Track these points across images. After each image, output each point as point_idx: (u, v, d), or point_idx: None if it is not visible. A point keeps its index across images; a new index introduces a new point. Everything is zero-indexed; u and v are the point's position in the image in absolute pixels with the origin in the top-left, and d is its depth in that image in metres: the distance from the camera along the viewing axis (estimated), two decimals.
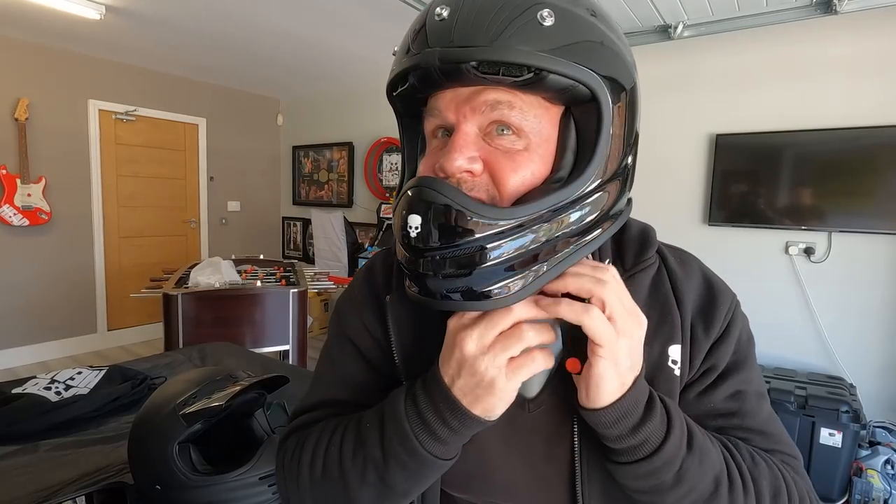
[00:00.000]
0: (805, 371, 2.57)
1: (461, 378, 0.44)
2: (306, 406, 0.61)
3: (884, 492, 2.09)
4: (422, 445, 0.46)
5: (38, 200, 3.64)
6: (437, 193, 0.42)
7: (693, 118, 2.89)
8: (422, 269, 0.44)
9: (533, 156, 0.45)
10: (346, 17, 2.89)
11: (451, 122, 0.46)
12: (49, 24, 3.20)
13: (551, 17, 0.41)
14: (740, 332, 0.55)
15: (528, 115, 0.44)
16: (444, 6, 0.43)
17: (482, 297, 0.42)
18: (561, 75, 0.41)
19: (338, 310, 0.64)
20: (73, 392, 1.48)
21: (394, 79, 0.47)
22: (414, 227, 0.42)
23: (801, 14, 2.38)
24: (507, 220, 0.42)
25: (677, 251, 0.59)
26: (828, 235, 2.55)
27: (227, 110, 4.86)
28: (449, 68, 0.42)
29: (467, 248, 0.42)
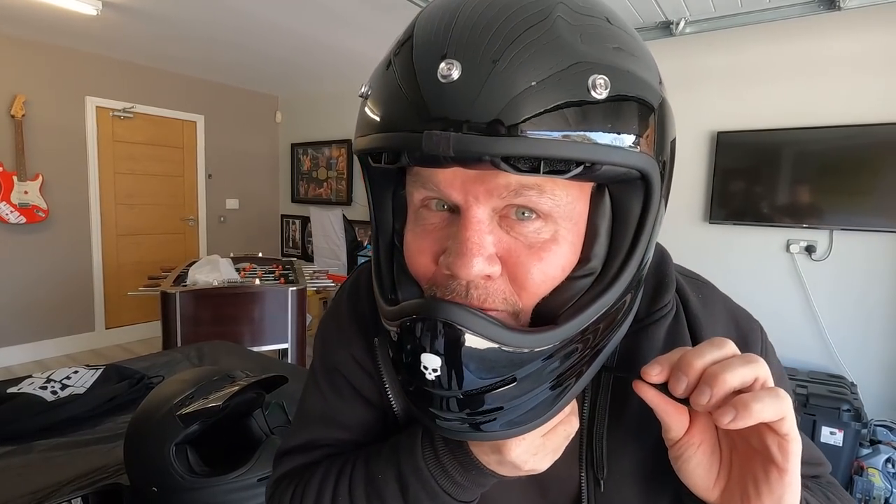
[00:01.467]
0: (806, 369, 2.57)
1: (485, 453, 0.41)
2: (297, 445, 0.55)
3: (885, 490, 2.09)
4: (452, 496, 0.43)
5: (34, 198, 3.62)
6: (461, 329, 0.33)
7: (694, 115, 2.87)
8: (442, 413, 0.36)
9: (562, 246, 0.36)
10: (345, 13, 2.87)
11: (456, 202, 0.35)
12: (45, 19, 3.17)
13: (605, 87, 0.30)
14: (775, 370, 0.49)
15: (560, 199, 0.34)
16: (452, 62, 0.30)
17: (516, 425, 0.36)
18: (618, 165, 0.32)
19: (323, 337, 0.57)
20: (69, 391, 1.46)
21: (373, 150, 0.35)
22: (432, 370, 0.34)
23: (804, 10, 2.37)
24: (549, 346, 0.34)
25: (697, 284, 0.51)
26: (829, 234, 2.54)
27: (226, 107, 4.83)
28: (466, 158, 0.30)
29: (499, 384, 0.35)
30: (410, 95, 0.32)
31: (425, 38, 0.33)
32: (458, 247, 0.34)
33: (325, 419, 0.54)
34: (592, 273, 0.37)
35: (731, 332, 0.48)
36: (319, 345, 0.58)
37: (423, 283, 0.40)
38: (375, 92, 0.35)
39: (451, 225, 0.37)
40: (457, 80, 0.30)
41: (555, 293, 0.36)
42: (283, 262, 3.50)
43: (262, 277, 2.93)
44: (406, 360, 0.36)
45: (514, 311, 0.36)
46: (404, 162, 0.33)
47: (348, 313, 0.55)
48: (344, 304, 0.56)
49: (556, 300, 0.36)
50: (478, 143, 0.29)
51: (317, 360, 0.57)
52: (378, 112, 0.34)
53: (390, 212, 0.43)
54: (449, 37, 0.32)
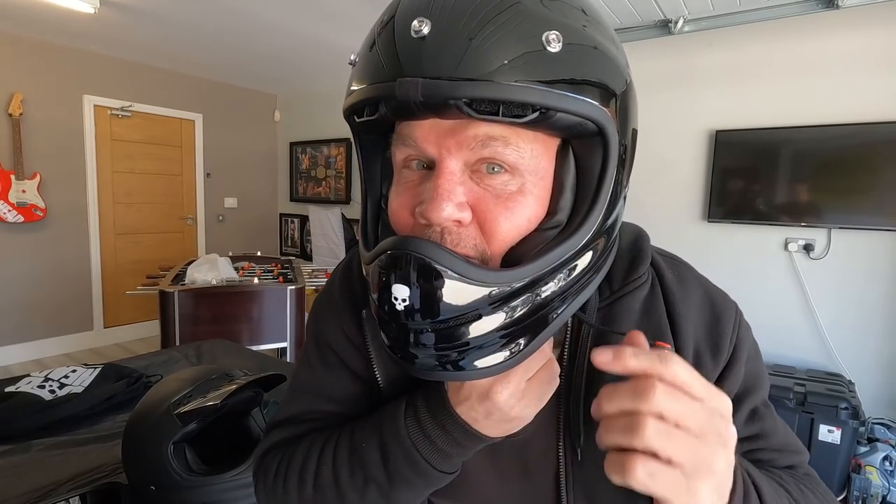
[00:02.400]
0: (804, 368, 2.57)
1: (467, 403, 0.41)
2: (285, 417, 0.57)
3: (882, 488, 2.09)
4: (432, 465, 0.44)
5: (32, 197, 3.61)
6: (428, 260, 0.35)
7: (693, 114, 2.87)
8: (411, 346, 0.39)
9: (528, 198, 0.39)
10: (344, 12, 2.86)
11: (431, 155, 0.39)
12: (43, 18, 3.16)
13: (558, 41, 0.34)
14: (748, 348, 0.50)
15: (524, 152, 0.38)
16: (423, 19, 0.34)
17: (485, 368, 0.38)
18: (571, 113, 0.35)
19: (315, 313, 0.60)
20: (67, 390, 1.46)
21: (356, 104, 0.38)
22: (401, 300, 0.36)
23: (803, 9, 2.37)
24: (511, 284, 0.37)
25: (673, 262, 0.53)
26: (827, 232, 2.54)
27: (224, 106, 4.82)
28: (434, 103, 0.34)
29: (464, 318, 0.37)
30: (387, 53, 0.36)
31: (405, 7, 0.37)
32: (430, 193, 0.38)
33: (314, 392, 0.56)
34: (558, 225, 0.40)
35: (706, 309, 0.49)
36: (312, 322, 0.59)
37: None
38: (360, 58, 0.40)
39: (427, 180, 0.40)
40: (427, 36, 0.34)
41: (522, 243, 0.39)
42: (282, 261, 3.50)
43: (260, 276, 2.93)
44: (381, 295, 0.38)
45: (484, 257, 0.39)
46: (382, 112, 0.37)
47: (340, 291, 0.57)
48: (337, 283, 0.58)
49: (523, 249, 0.39)
50: (443, 87, 0.33)
51: (309, 336, 0.59)
52: (361, 73, 0.39)
53: (378, 177, 0.47)
54: (422, 5, 0.36)
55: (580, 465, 0.47)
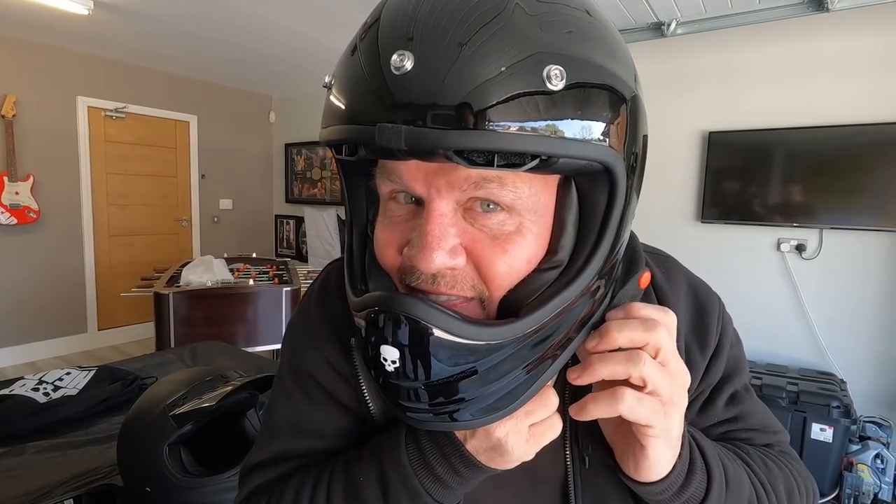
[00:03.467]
0: (796, 367, 2.59)
1: (474, 438, 0.40)
2: (267, 458, 0.52)
3: (874, 486, 2.11)
4: (433, 497, 0.42)
5: (26, 199, 3.59)
6: (418, 321, 0.33)
7: (686, 116, 2.90)
8: (410, 403, 0.37)
9: (527, 238, 0.35)
10: (339, 12, 2.87)
11: (419, 194, 0.35)
12: (36, 19, 3.15)
13: (561, 77, 0.29)
14: (731, 337, 0.52)
15: (522, 192, 0.34)
16: (404, 52, 0.30)
17: (489, 412, 0.36)
18: (575, 158, 0.31)
19: (292, 340, 0.55)
20: (61, 393, 1.46)
21: (332, 142, 0.35)
22: (391, 361, 0.34)
23: (794, 11, 2.39)
24: (509, 338, 0.34)
25: (660, 259, 0.54)
26: (819, 232, 2.57)
27: (219, 107, 4.81)
28: (419, 152, 0.30)
29: (459, 375, 0.35)
30: (363, 89, 0.32)
31: (386, 27, 0.33)
32: (420, 240, 0.35)
33: (295, 428, 0.51)
34: (559, 265, 0.37)
35: (692, 302, 0.51)
36: (288, 350, 0.55)
37: (392, 274, 0.40)
38: (336, 84, 0.36)
39: (416, 217, 0.37)
40: (409, 72, 0.29)
41: (521, 284, 0.36)
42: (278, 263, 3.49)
43: (256, 278, 2.93)
44: (369, 351, 0.37)
45: (482, 298, 0.37)
46: (362, 154, 0.33)
47: (319, 315, 0.53)
48: (313, 307, 0.54)
49: (522, 291, 0.36)
50: (430, 137, 0.29)
51: (285, 367, 0.54)
52: (336, 103, 0.34)
53: (364, 202, 0.43)
54: (403, 29, 0.31)
55: (588, 473, 0.46)
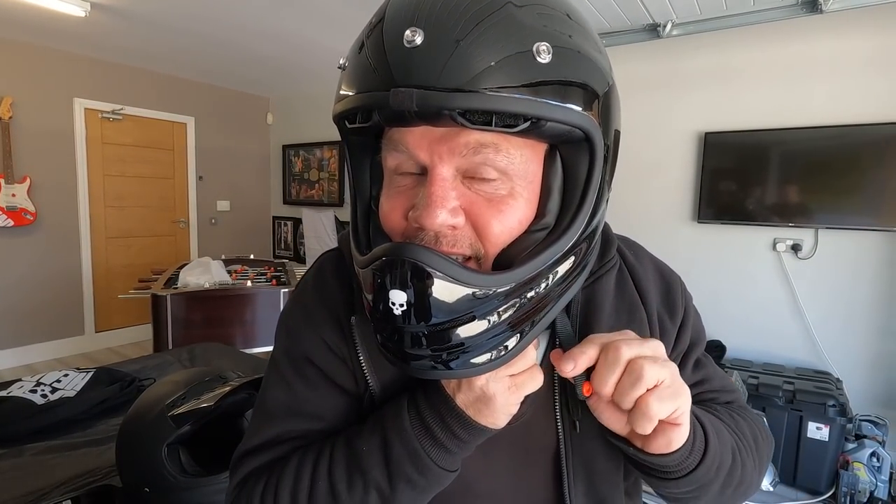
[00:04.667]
0: (793, 366, 2.60)
1: (461, 392, 0.44)
2: (260, 443, 0.53)
3: (870, 484, 2.12)
4: (433, 461, 0.45)
5: (22, 201, 3.58)
6: (424, 266, 0.36)
7: (682, 116, 2.91)
8: (407, 347, 0.40)
9: (518, 201, 0.40)
10: (336, 14, 2.87)
11: (423, 162, 0.40)
12: (33, 20, 3.14)
13: (548, 52, 0.35)
14: (693, 310, 0.59)
15: (514, 158, 0.39)
16: (416, 29, 0.35)
17: (476, 365, 0.40)
18: (560, 122, 0.37)
19: (288, 326, 0.56)
20: (59, 395, 1.46)
21: (348, 111, 0.39)
22: (398, 305, 0.38)
23: (788, 13, 2.41)
24: (503, 287, 0.38)
25: (628, 242, 0.60)
26: (814, 232, 2.58)
27: (216, 109, 4.81)
28: (429, 113, 0.35)
29: (459, 320, 0.38)
30: (380, 61, 0.37)
31: (394, 13, 0.38)
32: (424, 200, 0.39)
33: (291, 411, 0.53)
34: (547, 227, 0.42)
35: (659, 278, 0.57)
36: (283, 335, 0.56)
37: (395, 238, 0.43)
38: (351, 63, 0.40)
39: (419, 185, 0.41)
40: (420, 45, 0.35)
41: (514, 244, 0.41)
42: (275, 264, 3.49)
43: (253, 279, 2.93)
44: (376, 300, 0.39)
45: (479, 256, 0.41)
46: (375, 119, 0.37)
47: (316, 300, 0.55)
48: (309, 291, 0.56)
49: (514, 250, 0.41)
50: (438, 98, 0.34)
51: (279, 352, 0.56)
52: (352, 79, 0.39)
53: (368, 179, 0.47)
54: (415, 11, 0.37)
55: (578, 439, 0.50)
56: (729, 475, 0.48)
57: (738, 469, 0.49)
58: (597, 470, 0.51)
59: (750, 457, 0.51)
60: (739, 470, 0.49)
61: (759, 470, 0.54)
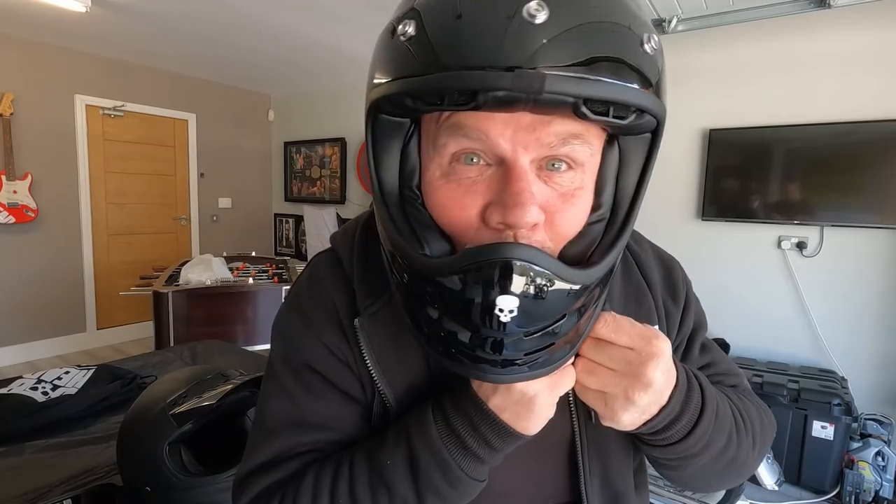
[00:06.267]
0: (797, 364, 2.59)
1: (497, 395, 0.41)
2: (267, 460, 0.49)
3: (875, 483, 2.11)
4: (465, 472, 0.42)
5: (24, 197, 3.58)
6: (538, 268, 0.34)
7: (686, 113, 2.89)
8: (507, 354, 0.36)
9: (587, 192, 0.39)
10: (338, 11, 2.85)
11: (502, 152, 0.36)
12: (34, 17, 3.13)
13: (655, 44, 0.34)
14: (693, 294, 0.59)
15: (594, 148, 0.38)
16: (542, 3, 0.30)
17: (554, 362, 0.39)
18: (655, 115, 0.36)
19: (283, 334, 0.52)
20: (60, 392, 1.45)
21: (434, 89, 0.33)
22: (507, 311, 0.34)
23: (795, 8, 2.39)
24: (590, 283, 0.37)
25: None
26: (820, 230, 2.56)
27: (218, 106, 4.80)
28: (552, 100, 0.31)
29: (558, 320, 0.36)
30: (493, 34, 0.31)
31: None
32: (513, 198, 0.35)
33: (295, 424, 0.49)
34: (603, 219, 0.41)
35: (659, 263, 0.58)
36: (280, 342, 0.52)
37: (464, 237, 0.39)
38: (432, 27, 0.33)
39: (491, 178, 0.37)
40: (544, 24, 0.30)
41: (576, 237, 0.40)
42: (277, 262, 3.49)
43: (255, 276, 2.92)
44: (474, 307, 0.35)
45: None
46: (480, 102, 0.32)
47: (312, 305, 0.51)
48: (305, 299, 0.52)
49: (577, 245, 0.40)
50: (569, 84, 0.30)
51: (277, 361, 0.52)
52: (444, 49, 0.32)
53: (396, 169, 0.41)
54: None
55: (593, 431, 0.50)
56: (721, 454, 0.48)
57: (733, 448, 0.49)
58: (611, 463, 0.51)
59: (748, 438, 0.51)
60: (734, 449, 0.49)
61: (757, 452, 0.54)
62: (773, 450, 2.24)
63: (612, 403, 0.41)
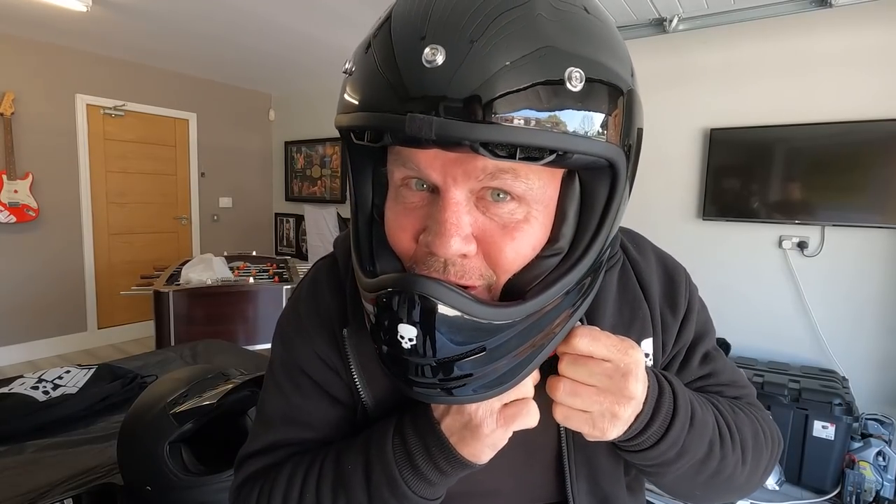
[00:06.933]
0: (798, 364, 2.59)
1: (449, 416, 0.42)
2: (260, 448, 0.54)
3: (876, 483, 2.11)
4: (412, 489, 0.43)
5: (24, 197, 3.58)
6: (437, 303, 0.35)
7: (687, 112, 2.88)
8: (415, 378, 0.38)
9: (533, 225, 0.38)
10: (338, 10, 2.85)
11: (435, 182, 0.37)
12: (34, 16, 3.13)
13: (581, 79, 0.32)
14: (698, 302, 0.57)
15: (532, 183, 0.37)
16: (437, 47, 0.31)
17: (486, 389, 0.39)
18: (587, 154, 0.34)
19: (281, 335, 0.56)
20: (61, 391, 1.45)
21: (357, 127, 0.36)
22: (407, 339, 0.36)
23: (796, 7, 2.38)
24: (512, 320, 0.37)
25: (630, 235, 0.58)
26: (821, 229, 2.56)
27: (218, 105, 4.80)
28: (447, 143, 0.32)
29: (469, 353, 0.37)
30: (392, 76, 0.33)
31: (406, 19, 0.35)
32: (437, 227, 0.37)
33: (287, 419, 0.53)
34: (560, 253, 0.40)
35: (662, 271, 0.56)
36: (279, 344, 0.56)
37: (404, 259, 0.41)
38: (359, 69, 0.37)
39: (430, 204, 0.39)
40: (441, 66, 0.31)
41: (525, 270, 0.39)
42: (278, 261, 3.49)
43: (256, 276, 2.92)
44: (383, 330, 0.38)
45: (489, 284, 0.39)
46: (387, 141, 0.34)
47: (308, 310, 0.54)
48: (303, 302, 0.55)
49: (525, 276, 0.39)
50: (459, 129, 0.31)
51: (276, 361, 0.56)
52: (362, 91, 0.35)
53: (370, 187, 0.44)
54: (428, 18, 0.33)
55: (580, 435, 0.49)
56: (702, 463, 0.48)
57: (715, 460, 0.48)
58: (599, 466, 0.51)
59: (735, 452, 0.50)
60: (716, 461, 0.48)
61: (749, 468, 0.52)
62: None
63: (599, 423, 0.41)
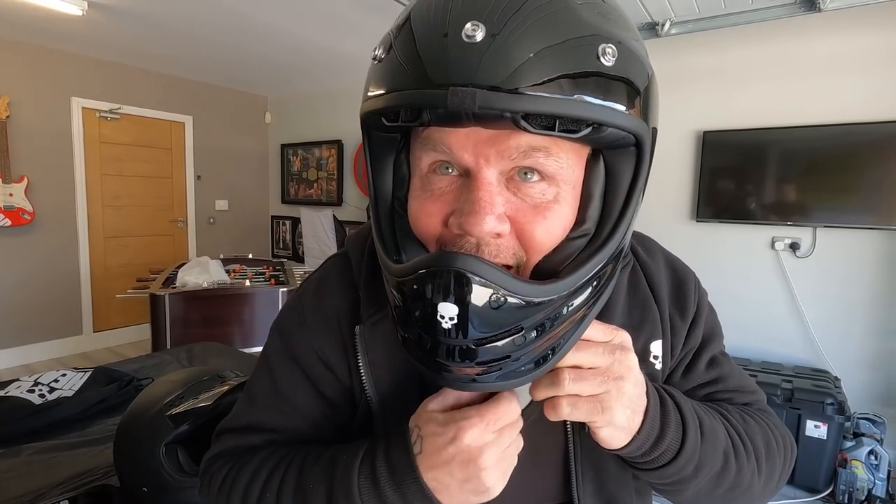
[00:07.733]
0: (791, 364, 2.61)
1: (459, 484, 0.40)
2: (239, 425, 0.55)
3: (868, 482, 2.12)
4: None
5: (20, 200, 3.57)
6: (478, 279, 0.34)
7: (681, 115, 2.91)
8: (450, 363, 0.37)
9: (563, 206, 0.38)
10: (335, 13, 2.87)
11: (467, 164, 0.37)
12: (30, 19, 3.13)
13: (613, 55, 0.34)
14: (707, 307, 0.57)
15: (563, 162, 0.37)
16: (477, 23, 0.32)
17: (516, 375, 0.38)
18: (621, 129, 0.35)
19: (282, 327, 0.56)
20: (57, 394, 1.45)
21: (392, 107, 0.36)
22: (448, 318, 0.35)
23: (786, 12, 2.41)
24: (551, 298, 0.36)
25: (640, 238, 0.59)
26: (813, 231, 2.59)
27: (214, 108, 4.80)
28: (490, 116, 0.32)
29: (508, 333, 0.36)
30: (431, 53, 0.33)
31: (452, 4, 0.34)
32: (470, 206, 0.36)
33: (271, 402, 0.54)
34: (587, 234, 0.40)
35: (671, 274, 0.56)
36: (276, 336, 0.56)
37: (430, 244, 0.41)
38: (393, 52, 0.37)
39: (459, 189, 0.39)
40: (481, 42, 0.32)
41: (554, 251, 0.39)
42: (274, 264, 3.49)
43: (252, 279, 2.92)
44: (420, 311, 0.36)
45: (519, 265, 0.39)
46: (425, 119, 0.34)
47: (312, 307, 0.54)
48: (308, 298, 0.55)
49: (554, 258, 0.39)
50: (502, 100, 0.31)
51: (272, 347, 0.56)
52: (396, 70, 0.36)
53: (390, 178, 0.44)
54: (473, 3, 0.34)
55: (587, 438, 0.48)
56: (719, 477, 0.47)
57: (732, 472, 0.48)
58: (606, 469, 0.51)
59: (751, 462, 0.49)
60: (733, 473, 0.48)
61: (765, 477, 0.51)
62: None
63: (607, 403, 0.40)
